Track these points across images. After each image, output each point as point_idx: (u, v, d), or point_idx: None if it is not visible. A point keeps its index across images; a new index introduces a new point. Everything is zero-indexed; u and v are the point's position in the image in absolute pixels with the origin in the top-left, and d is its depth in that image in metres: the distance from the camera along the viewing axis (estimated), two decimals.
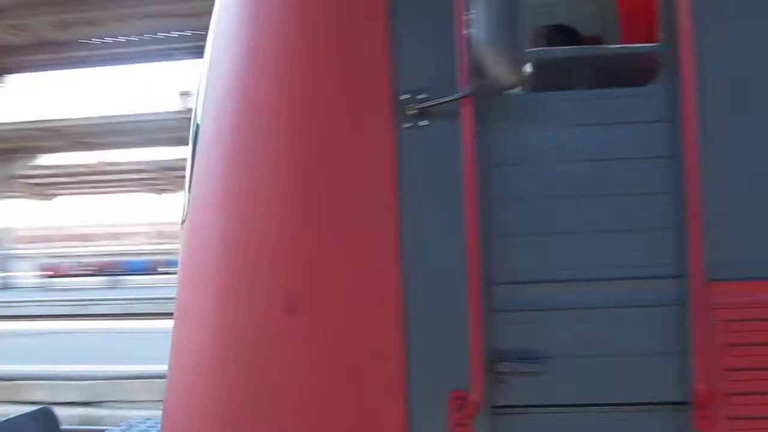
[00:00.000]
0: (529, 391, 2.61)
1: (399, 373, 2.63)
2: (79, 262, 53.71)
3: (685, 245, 2.54)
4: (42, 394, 11.13)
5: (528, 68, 2.57)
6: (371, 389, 2.67)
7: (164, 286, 31.66)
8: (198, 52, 4.63)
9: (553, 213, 2.63)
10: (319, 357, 2.71)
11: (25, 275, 48.97)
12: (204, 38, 3.26)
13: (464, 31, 2.56)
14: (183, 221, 3.13)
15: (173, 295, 3.11)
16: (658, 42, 2.65)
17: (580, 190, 2.62)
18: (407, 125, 2.64)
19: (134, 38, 25.06)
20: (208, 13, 3.21)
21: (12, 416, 4.59)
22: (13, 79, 26.73)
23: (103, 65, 28.75)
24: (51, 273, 44.80)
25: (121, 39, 24.95)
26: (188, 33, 23.58)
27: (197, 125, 3.09)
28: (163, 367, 3.30)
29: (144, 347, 14.05)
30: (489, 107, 2.62)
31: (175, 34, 24.70)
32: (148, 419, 5.35)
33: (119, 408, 10.76)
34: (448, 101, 2.59)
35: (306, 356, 2.72)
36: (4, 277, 44.19)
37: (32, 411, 4.69)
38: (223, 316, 2.85)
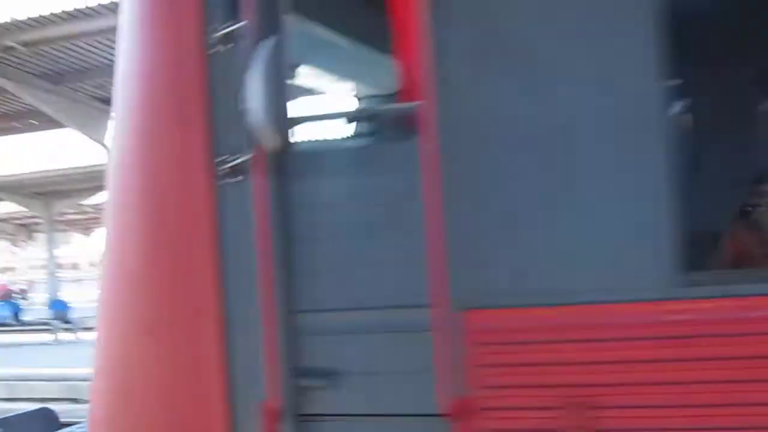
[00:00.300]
0: (326, 401, 3.00)
1: (222, 388, 3.10)
2: None
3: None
4: None
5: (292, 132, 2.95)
6: (200, 401, 3.15)
7: None
8: None
9: (340, 251, 3.01)
10: (162, 372, 3.25)
11: None
12: None
13: (242, 103, 2.94)
14: None
15: None
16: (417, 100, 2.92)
17: (360, 230, 2.97)
18: (224, 182, 3.11)
19: None
20: None
21: (11, 414, 4.96)
22: None
23: None
24: None
25: None
26: None
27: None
28: None
29: None
30: (285, 162, 3.02)
31: None
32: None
33: None
34: (244, 160, 3.05)
35: (154, 371, 3.26)
36: None
37: (32, 410, 5.16)
38: (108, 331, 3.46)
